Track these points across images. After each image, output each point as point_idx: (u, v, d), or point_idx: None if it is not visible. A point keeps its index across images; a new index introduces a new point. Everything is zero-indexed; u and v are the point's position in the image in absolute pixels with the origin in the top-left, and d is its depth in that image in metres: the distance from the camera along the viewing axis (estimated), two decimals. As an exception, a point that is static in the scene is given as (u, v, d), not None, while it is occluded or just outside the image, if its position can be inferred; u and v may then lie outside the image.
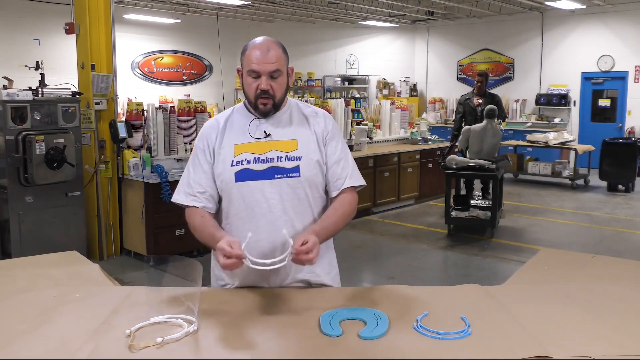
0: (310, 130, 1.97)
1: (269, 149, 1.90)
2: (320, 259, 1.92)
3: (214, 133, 1.99)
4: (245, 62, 1.89)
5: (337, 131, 2.03)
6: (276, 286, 1.94)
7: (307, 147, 1.94)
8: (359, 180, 2.01)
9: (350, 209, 1.97)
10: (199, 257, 5.65)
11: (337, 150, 1.98)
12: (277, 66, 1.87)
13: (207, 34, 11.81)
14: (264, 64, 1.86)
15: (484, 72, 8.72)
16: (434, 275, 5.49)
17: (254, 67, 1.86)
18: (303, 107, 2.05)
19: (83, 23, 5.51)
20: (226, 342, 1.53)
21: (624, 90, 11.89)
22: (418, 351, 1.48)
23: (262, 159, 1.90)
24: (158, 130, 5.95)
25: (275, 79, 1.89)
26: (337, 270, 2.08)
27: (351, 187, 1.98)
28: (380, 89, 14.52)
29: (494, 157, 6.61)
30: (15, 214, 4.98)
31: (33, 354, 1.47)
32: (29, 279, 2.05)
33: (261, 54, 1.86)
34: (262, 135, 1.93)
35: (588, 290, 1.94)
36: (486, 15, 12.94)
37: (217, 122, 2.02)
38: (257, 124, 1.95)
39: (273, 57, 1.87)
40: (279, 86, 1.91)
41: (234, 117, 2.01)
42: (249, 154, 1.90)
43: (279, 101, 1.93)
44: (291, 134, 1.95)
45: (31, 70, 5.36)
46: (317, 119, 2.00)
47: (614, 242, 6.44)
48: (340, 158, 1.98)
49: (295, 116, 1.99)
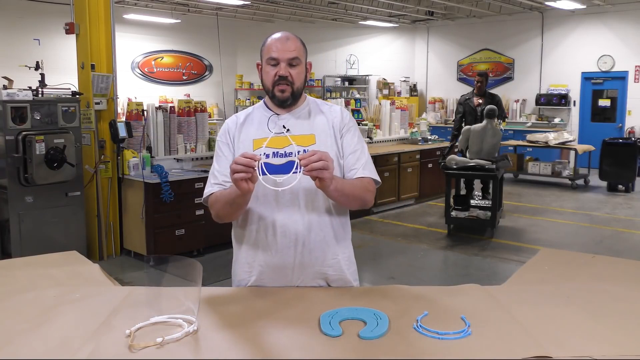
0: (328, 124, 1.99)
1: (288, 143, 1.91)
2: (341, 251, 1.97)
3: (233, 129, 2.02)
4: (265, 51, 1.94)
5: (353, 124, 2.05)
6: (293, 285, 1.94)
7: (324, 141, 1.95)
8: (373, 174, 1.98)
9: (366, 187, 1.93)
10: (199, 257, 5.66)
11: (353, 142, 1.99)
12: (296, 54, 1.91)
13: (207, 34, 11.82)
14: (283, 51, 1.90)
15: (484, 72, 8.71)
16: (434, 275, 5.49)
17: (273, 54, 1.90)
18: (321, 104, 2.07)
19: (83, 23, 5.51)
20: (226, 342, 1.53)
21: (624, 90, 11.89)
22: (418, 351, 1.48)
23: (280, 153, 1.91)
24: (158, 130, 5.95)
25: (294, 67, 1.92)
26: (356, 267, 2.07)
27: (369, 178, 1.97)
28: (380, 89, 14.52)
29: (494, 157, 6.61)
30: (15, 214, 4.98)
31: (33, 353, 1.47)
32: (29, 279, 2.05)
33: (280, 42, 1.91)
34: (281, 130, 1.94)
35: (588, 290, 1.94)
36: (486, 15, 12.94)
37: (237, 118, 2.05)
38: (275, 120, 1.97)
39: (292, 46, 1.91)
40: (297, 75, 1.93)
41: (254, 113, 2.04)
42: (267, 148, 1.90)
43: (297, 91, 1.95)
44: (309, 129, 1.96)
45: (31, 70, 5.36)
46: (334, 112, 2.02)
47: (614, 242, 6.43)
48: (356, 149, 1.99)
49: (313, 112, 2.01)
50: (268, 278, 1.95)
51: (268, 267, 1.94)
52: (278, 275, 1.94)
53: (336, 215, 1.97)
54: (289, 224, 1.90)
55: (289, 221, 1.90)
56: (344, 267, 2.00)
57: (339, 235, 1.99)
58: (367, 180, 1.96)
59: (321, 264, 1.94)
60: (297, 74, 1.93)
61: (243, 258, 1.99)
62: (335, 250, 1.97)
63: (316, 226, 1.92)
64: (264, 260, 1.94)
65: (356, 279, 2.06)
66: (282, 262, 1.92)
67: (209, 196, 1.96)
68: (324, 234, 1.94)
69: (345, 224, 2.04)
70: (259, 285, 1.96)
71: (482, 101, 7.50)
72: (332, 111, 2.03)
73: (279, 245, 1.90)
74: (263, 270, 1.95)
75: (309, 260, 1.92)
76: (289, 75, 1.91)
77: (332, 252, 1.96)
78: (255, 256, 1.95)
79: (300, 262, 1.92)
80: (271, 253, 1.92)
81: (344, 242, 2.02)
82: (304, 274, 1.94)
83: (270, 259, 1.92)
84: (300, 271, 1.93)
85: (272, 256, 1.92)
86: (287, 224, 1.90)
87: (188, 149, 6.17)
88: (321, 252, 1.94)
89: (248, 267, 1.97)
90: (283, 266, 1.92)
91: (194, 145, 6.23)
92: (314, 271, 1.95)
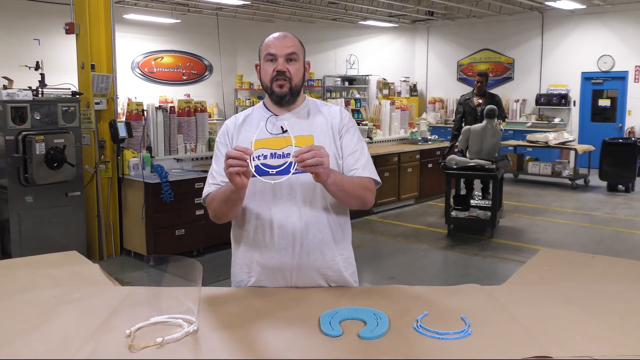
0: (327, 125, 1.98)
1: (286, 144, 1.89)
2: (339, 252, 1.96)
3: (232, 129, 2.03)
4: (263, 49, 1.95)
5: (353, 124, 2.04)
6: (292, 285, 1.93)
7: (322, 142, 1.93)
8: (373, 174, 1.97)
9: (366, 186, 1.92)
10: (199, 257, 5.66)
11: (352, 143, 1.99)
12: (294, 50, 1.92)
13: (207, 34, 11.82)
14: (281, 47, 1.91)
15: (484, 72, 8.71)
16: (434, 275, 5.49)
17: (271, 50, 1.91)
18: (320, 104, 2.06)
19: (83, 23, 5.51)
20: (226, 342, 1.53)
21: (624, 90, 11.89)
22: (418, 351, 1.48)
23: (278, 155, 1.89)
24: (158, 130, 5.95)
25: (291, 63, 1.92)
26: (355, 269, 2.06)
27: (369, 178, 1.96)
28: (380, 89, 14.52)
29: (494, 157, 6.61)
30: (15, 214, 4.98)
31: (33, 353, 1.47)
32: (29, 279, 2.05)
33: (278, 40, 1.93)
34: (279, 131, 1.93)
35: (588, 290, 1.94)
36: (486, 15, 12.94)
37: (236, 119, 2.06)
38: (273, 121, 1.96)
39: (289, 42, 1.93)
40: (295, 71, 1.93)
41: (253, 114, 2.04)
42: (265, 149, 1.90)
43: (296, 87, 1.95)
44: (307, 130, 1.95)
45: (31, 70, 5.36)
46: (333, 113, 2.02)
47: (613, 242, 6.43)
48: (355, 150, 1.98)
49: (312, 113, 2.01)
50: (267, 279, 1.95)
51: (266, 269, 1.93)
52: (277, 276, 1.94)
53: (335, 215, 1.96)
54: (286, 222, 1.89)
55: (286, 219, 1.89)
56: (342, 268, 1.99)
57: (338, 236, 1.98)
58: (368, 179, 1.95)
59: (320, 265, 1.94)
60: (295, 70, 1.93)
61: (241, 259, 1.99)
62: (334, 252, 1.97)
63: (314, 226, 1.91)
64: (262, 262, 1.93)
65: (356, 281, 2.05)
66: (281, 263, 1.91)
67: (207, 196, 1.97)
68: (322, 235, 1.93)
69: (345, 225, 2.03)
70: (258, 286, 1.96)
71: (482, 101, 7.50)
72: (332, 112, 2.03)
73: (276, 245, 1.90)
74: (262, 271, 1.94)
75: (307, 262, 1.92)
76: (287, 70, 1.91)
77: (331, 254, 1.96)
78: (253, 257, 1.95)
79: (299, 264, 1.91)
80: (269, 254, 1.91)
81: (342, 243, 2.01)
82: (302, 275, 1.93)
83: (269, 260, 1.92)
84: (299, 272, 1.93)
85: (270, 257, 1.92)
86: (284, 222, 1.89)
87: (188, 149, 6.17)
88: (320, 254, 1.93)
89: (247, 269, 1.97)
90: (281, 267, 1.92)
91: (193, 145, 6.23)
92: (313, 272, 1.94)
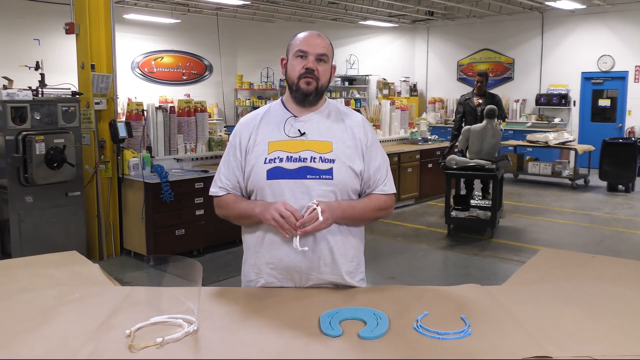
0: (348, 135, 1.94)
1: (303, 148, 1.88)
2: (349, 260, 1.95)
3: (247, 131, 1.97)
4: (293, 45, 1.92)
5: (373, 134, 2.02)
6: (300, 286, 1.93)
7: (342, 151, 1.91)
8: (390, 189, 2.00)
9: (379, 207, 1.97)
10: (199, 257, 5.66)
11: (378, 159, 1.98)
12: (325, 51, 1.91)
13: (207, 34, 11.83)
14: (314, 46, 1.90)
15: (484, 72, 8.71)
16: (434, 275, 5.49)
17: (303, 47, 1.89)
18: (342, 109, 2.03)
19: (83, 23, 5.51)
20: (226, 342, 1.53)
21: (624, 90, 11.88)
22: (418, 351, 1.48)
23: (294, 158, 1.88)
24: (158, 130, 5.95)
25: (321, 63, 1.90)
26: (364, 276, 2.03)
27: (385, 196, 1.99)
28: (380, 89, 14.52)
29: (494, 157, 6.61)
30: (15, 214, 4.98)
31: (33, 353, 1.47)
32: (29, 279, 2.05)
33: (312, 37, 1.91)
34: (297, 134, 1.91)
35: (588, 290, 1.94)
36: (486, 15, 12.94)
37: (253, 119, 2.00)
38: (292, 123, 1.94)
39: (322, 42, 1.92)
40: (324, 71, 1.92)
41: (271, 113, 1.99)
42: (282, 152, 1.88)
43: (322, 87, 1.93)
44: (326, 135, 1.92)
45: (31, 70, 5.36)
46: (356, 124, 1.98)
47: (613, 242, 6.43)
48: (380, 167, 1.98)
49: (332, 117, 1.97)
50: (276, 281, 1.94)
51: (276, 270, 1.92)
52: (285, 278, 1.93)
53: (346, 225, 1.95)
54: None
55: None
56: (353, 274, 1.97)
57: (350, 242, 1.96)
58: (384, 198, 1.97)
59: (329, 272, 1.92)
60: (323, 70, 1.91)
61: (252, 259, 1.98)
62: (346, 257, 1.94)
63: (325, 232, 1.89)
64: (272, 264, 1.92)
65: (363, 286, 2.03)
66: (290, 266, 1.90)
67: (219, 197, 1.98)
68: (334, 240, 1.91)
69: (359, 232, 2.02)
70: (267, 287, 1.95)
71: (482, 101, 7.50)
72: (354, 122, 1.98)
73: (287, 248, 1.88)
74: (271, 273, 1.93)
75: (317, 266, 1.90)
76: (316, 69, 1.89)
77: (342, 259, 1.93)
78: (264, 258, 1.94)
79: (308, 268, 1.90)
80: (280, 255, 1.90)
81: (355, 249, 1.99)
82: (311, 279, 1.92)
83: (279, 262, 1.91)
84: (307, 276, 1.91)
85: (281, 260, 1.90)
86: None
87: (188, 149, 6.17)
88: (331, 259, 1.91)
89: (257, 269, 1.96)
90: (291, 269, 1.90)
91: (193, 145, 6.23)
92: (322, 278, 1.92)
